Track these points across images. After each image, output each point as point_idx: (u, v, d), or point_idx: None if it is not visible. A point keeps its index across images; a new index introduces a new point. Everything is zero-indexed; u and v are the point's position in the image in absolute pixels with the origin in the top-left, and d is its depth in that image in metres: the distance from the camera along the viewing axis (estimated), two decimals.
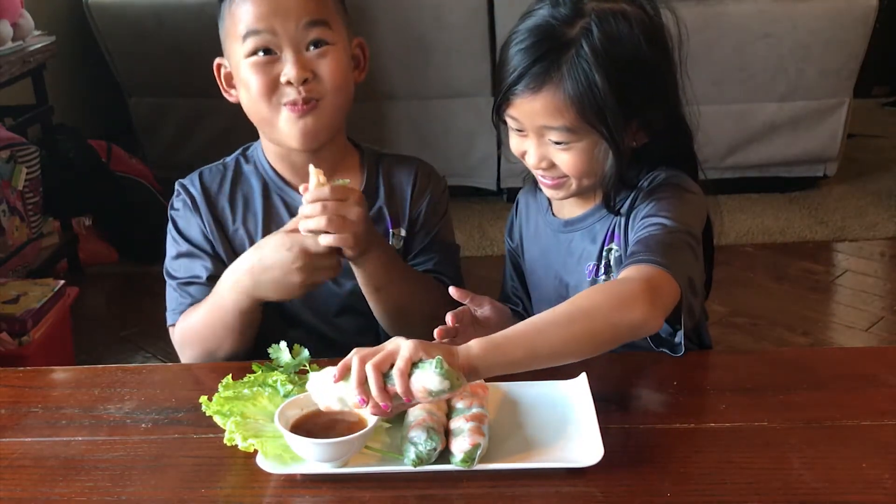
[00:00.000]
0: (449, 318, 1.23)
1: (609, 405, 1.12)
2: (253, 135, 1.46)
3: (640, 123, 1.27)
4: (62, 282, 2.60)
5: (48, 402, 1.22)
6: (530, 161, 1.28)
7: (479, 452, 1.01)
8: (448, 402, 1.10)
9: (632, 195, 1.30)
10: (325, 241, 1.23)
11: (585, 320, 1.08)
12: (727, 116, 3.67)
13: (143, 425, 1.14)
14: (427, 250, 1.46)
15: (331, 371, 1.02)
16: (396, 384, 0.98)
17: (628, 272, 1.13)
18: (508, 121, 1.28)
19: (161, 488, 1.01)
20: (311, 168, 1.25)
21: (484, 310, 1.31)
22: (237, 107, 1.41)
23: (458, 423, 1.05)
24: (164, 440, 1.11)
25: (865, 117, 4.63)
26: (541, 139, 1.25)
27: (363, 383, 0.99)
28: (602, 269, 1.33)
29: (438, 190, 1.50)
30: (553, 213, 1.41)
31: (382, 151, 1.51)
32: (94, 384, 1.26)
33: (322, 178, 1.24)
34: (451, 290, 1.29)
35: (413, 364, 0.99)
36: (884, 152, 4.46)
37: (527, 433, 1.08)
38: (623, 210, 1.31)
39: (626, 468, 1.01)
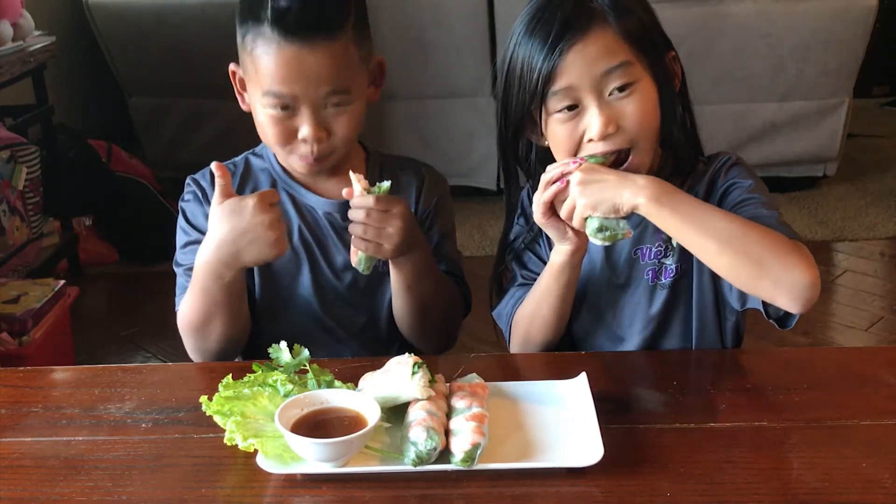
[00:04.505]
0: None
1: (609, 405, 1.12)
2: (253, 135, 1.46)
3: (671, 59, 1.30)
4: (62, 282, 2.60)
5: (48, 402, 1.22)
6: (595, 129, 1.21)
7: (479, 452, 1.01)
8: (448, 401, 1.10)
9: (705, 184, 1.32)
10: (363, 248, 1.26)
11: (764, 233, 1.13)
12: (727, 116, 3.67)
13: (144, 425, 1.14)
14: (437, 253, 1.46)
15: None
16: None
17: (790, 239, 1.15)
18: (555, 102, 1.23)
19: (161, 488, 1.01)
20: (352, 174, 1.27)
21: None
22: (237, 107, 1.41)
23: (458, 422, 1.05)
24: (164, 440, 1.11)
25: (865, 117, 4.63)
26: (601, 99, 1.22)
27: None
28: (663, 252, 1.33)
29: (445, 192, 1.52)
30: None
31: (385, 153, 1.52)
32: (94, 384, 1.26)
33: (364, 183, 1.26)
34: None
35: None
36: (884, 152, 4.46)
37: (527, 433, 1.08)
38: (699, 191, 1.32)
39: (626, 468, 1.01)
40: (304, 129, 1.31)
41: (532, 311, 1.35)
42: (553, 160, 1.30)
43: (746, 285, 1.16)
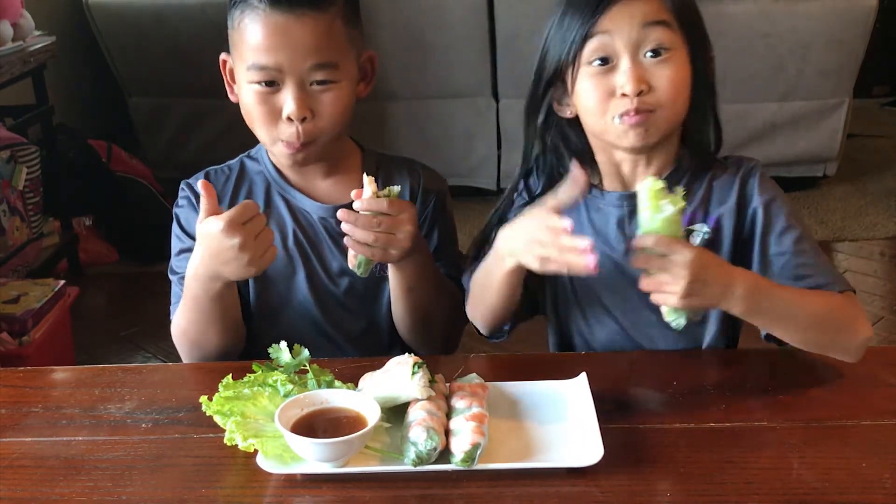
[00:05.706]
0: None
1: (609, 405, 1.12)
2: (253, 135, 1.46)
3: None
4: (62, 282, 2.60)
5: (48, 402, 1.22)
6: (628, 85, 1.21)
7: (478, 452, 1.01)
8: (448, 401, 1.10)
9: (735, 194, 1.31)
10: (368, 254, 1.25)
11: (833, 308, 1.21)
12: (727, 116, 3.59)
13: (144, 425, 1.14)
14: (437, 256, 1.45)
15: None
16: None
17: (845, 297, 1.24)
18: (590, 52, 1.22)
19: (161, 488, 1.02)
20: (365, 177, 1.25)
21: None
22: (237, 107, 1.41)
23: (458, 422, 1.05)
24: (164, 440, 1.11)
25: (865, 117, 4.63)
26: (635, 56, 1.22)
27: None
28: None
29: (443, 193, 1.50)
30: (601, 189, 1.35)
31: (382, 153, 1.51)
32: (95, 384, 1.26)
33: (375, 187, 1.25)
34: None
35: None
36: (884, 152, 4.46)
37: (527, 433, 1.08)
38: (726, 210, 1.31)
39: (626, 468, 1.01)
40: (289, 106, 1.29)
41: (480, 294, 1.31)
42: (572, 131, 1.31)
43: (816, 351, 1.23)
